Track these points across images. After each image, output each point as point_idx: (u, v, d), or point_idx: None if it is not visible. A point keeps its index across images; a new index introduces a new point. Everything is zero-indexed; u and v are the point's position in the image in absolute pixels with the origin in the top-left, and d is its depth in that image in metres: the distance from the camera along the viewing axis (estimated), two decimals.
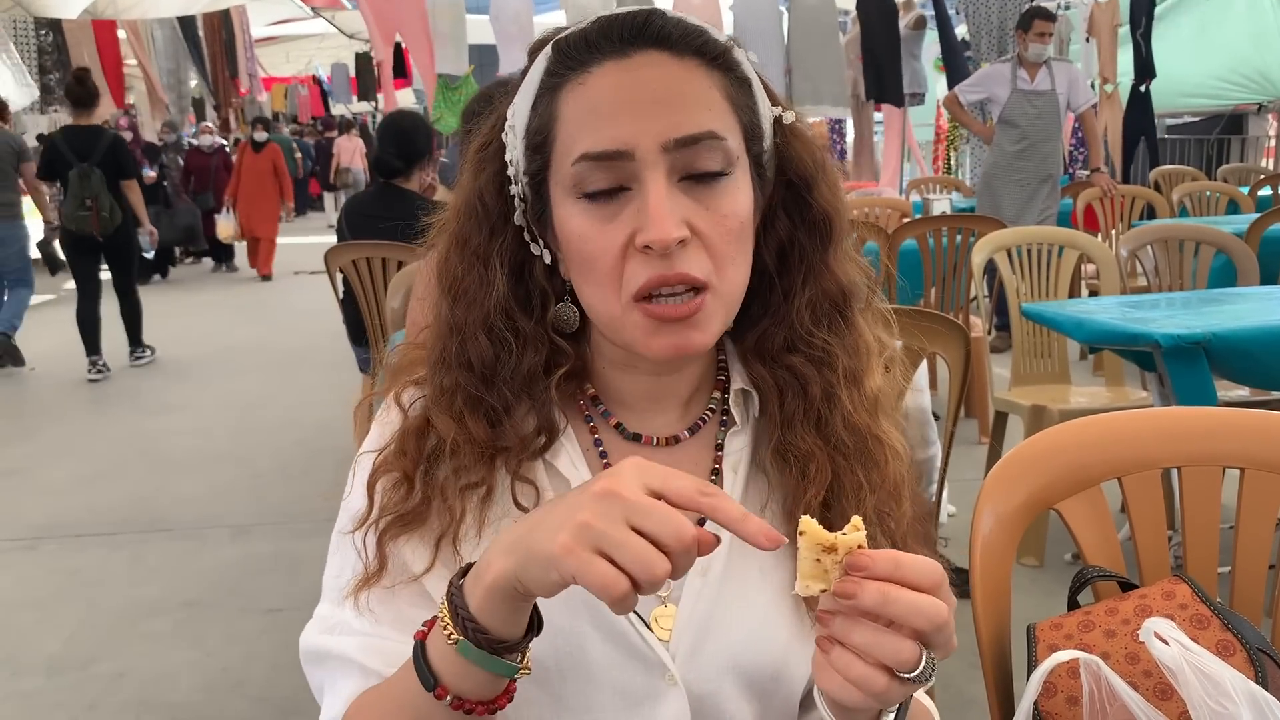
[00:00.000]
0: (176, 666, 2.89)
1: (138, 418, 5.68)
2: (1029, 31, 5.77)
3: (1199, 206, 6.65)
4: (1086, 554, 1.08)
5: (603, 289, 0.82)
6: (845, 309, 0.90)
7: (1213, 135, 12.01)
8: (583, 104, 0.80)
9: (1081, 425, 1.11)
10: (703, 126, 0.79)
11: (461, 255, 0.89)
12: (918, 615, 0.66)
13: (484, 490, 0.86)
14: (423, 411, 0.89)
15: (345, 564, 0.90)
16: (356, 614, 0.88)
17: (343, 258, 3.71)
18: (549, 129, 0.82)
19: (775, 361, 0.90)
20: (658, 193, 0.78)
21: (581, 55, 0.81)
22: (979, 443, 4.40)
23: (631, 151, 0.78)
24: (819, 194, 0.88)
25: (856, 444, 0.89)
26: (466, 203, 0.89)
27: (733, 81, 0.83)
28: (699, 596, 0.86)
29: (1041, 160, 5.92)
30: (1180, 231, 4.16)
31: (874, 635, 0.67)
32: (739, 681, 0.87)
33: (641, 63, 0.80)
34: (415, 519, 0.86)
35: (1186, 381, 2.58)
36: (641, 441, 0.91)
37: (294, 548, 3.70)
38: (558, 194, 0.83)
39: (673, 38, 0.81)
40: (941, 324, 2.15)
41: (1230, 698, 0.77)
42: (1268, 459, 1.08)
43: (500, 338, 0.86)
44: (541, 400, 0.87)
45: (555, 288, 0.89)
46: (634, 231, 0.79)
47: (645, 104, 0.78)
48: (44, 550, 3.81)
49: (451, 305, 0.89)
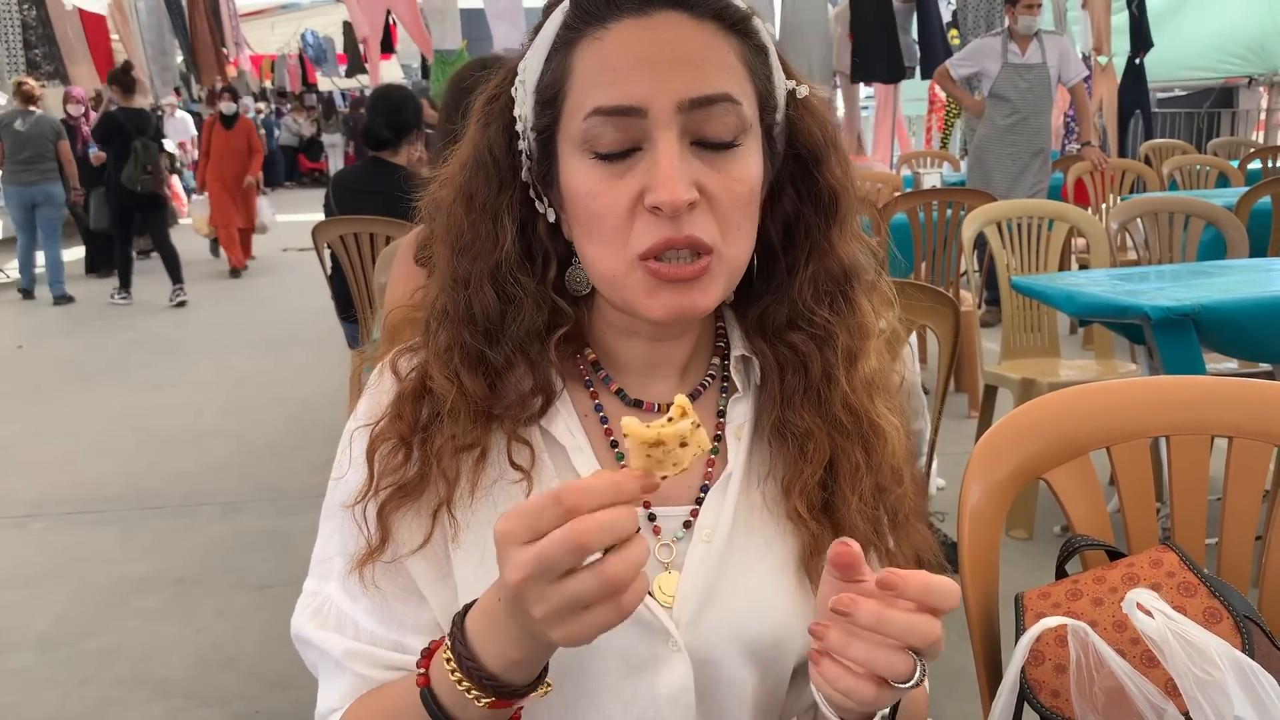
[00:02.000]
0: (167, 642, 2.89)
1: (128, 395, 5.66)
2: (1017, 4, 5.75)
3: (1189, 180, 6.65)
4: (1075, 523, 1.09)
5: (608, 245, 0.81)
6: (848, 288, 0.89)
7: (1203, 109, 12.00)
8: (599, 59, 0.79)
9: (1070, 395, 1.11)
10: (719, 88, 0.78)
11: (468, 209, 0.87)
12: (912, 635, 0.68)
13: (478, 452, 0.86)
14: (419, 374, 0.88)
15: (334, 538, 0.90)
16: (345, 593, 0.88)
17: (330, 233, 3.69)
18: (562, 84, 0.81)
19: (777, 338, 0.89)
20: (669, 153, 0.77)
21: (600, 11, 0.80)
22: (969, 416, 4.42)
23: (646, 109, 0.77)
24: (828, 170, 0.87)
25: (855, 424, 0.89)
26: (475, 156, 0.88)
27: (750, 49, 0.82)
28: (702, 563, 0.86)
29: (1033, 134, 5.91)
30: (1170, 205, 4.16)
31: (869, 650, 0.68)
32: (741, 649, 0.87)
33: (661, 22, 0.79)
34: (414, 489, 0.85)
35: (1175, 354, 2.59)
36: (643, 408, 0.91)
37: (284, 524, 3.70)
38: (566, 150, 0.82)
39: (693, 0, 0.80)
40: (932, 298, 2.15)
41: (1215, 664, 0.77)
42: (1256, 427, 1.08)
43: (506, 293, 0.86)
44: (539, 361, 0.87)
45: (558, 248, 0.88)
46: (642, 189, 0.78)
47: (662, 62, 0.78)
48: (34, 528, 3.81)
49: (455, 258, 0.88)
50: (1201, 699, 0.77)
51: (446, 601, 0.87)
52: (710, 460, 0.91)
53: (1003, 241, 3.77)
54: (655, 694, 0.85)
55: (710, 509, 0.88)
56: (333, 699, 0.87)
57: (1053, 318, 3.72)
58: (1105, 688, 0.86)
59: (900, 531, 0.93)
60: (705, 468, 0.90)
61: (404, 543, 0.86)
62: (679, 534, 0.88)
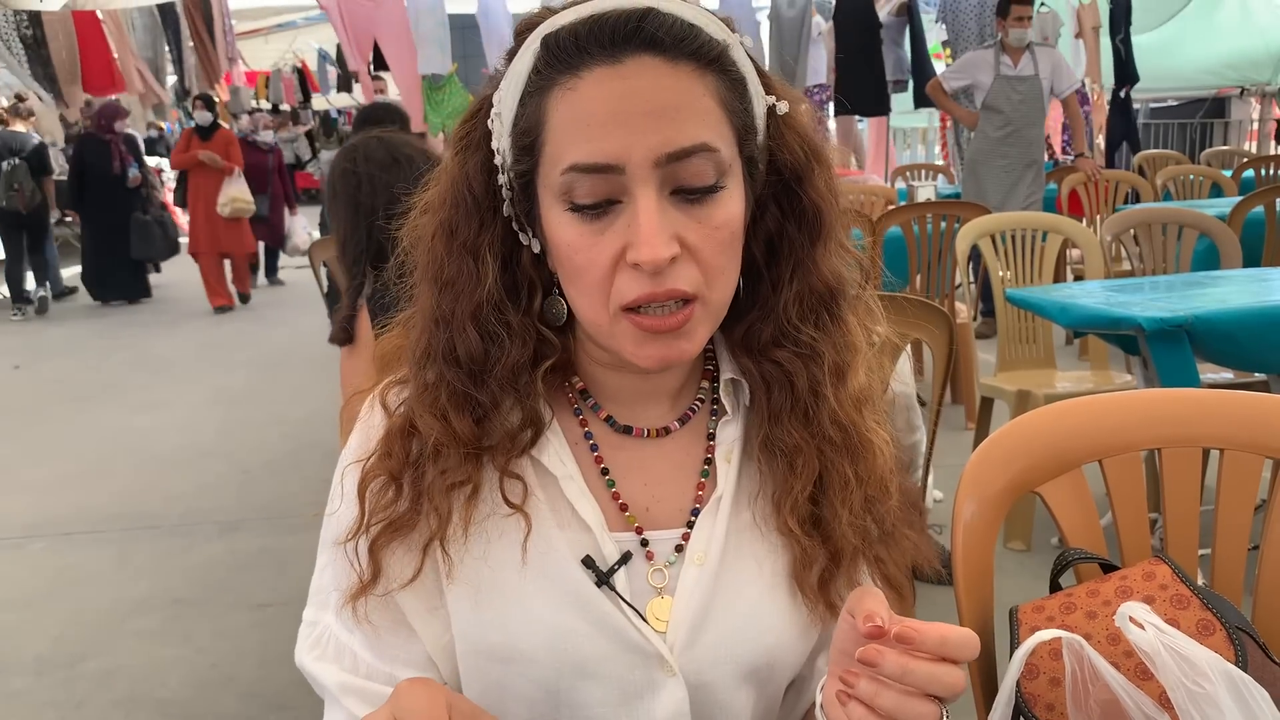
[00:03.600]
0: (165, 663, 2.88)
1: (125, 415, 5.65)
2: (1007, 17, 5.77)
3: (1182, 190, 6.67)
4: (1068, 536, 1.09)
5: (591, 298, 0.81)
6: (833, 305, 0.89)
7: (1196, 119, 12.06)
8: (572, 112, 0.77)
9: (1062, 408, 1.12)
10: (695, 139, 0.77)
11: (449, 245, 0.86)
12: (936, 685, 0.70)
13: (470, 489, 0.85)
14: (407, 411, 0.88)
15: (328, 570, 0.91)
16: (341, 624, 0.88)
17: (327, 251, 3.70)
18: (537, 132, 0.80)
19: (763, 355, 0.89)
20: (648, 210, 0.76)
21: (571, 57, 0.78)
22: (965, 429, 4.42)
23: (622, 165, 0.76)
24: (809, 187, 0.86)
25: (844, 439, 0.89)
26: (454, 191, 0.87)
27: (727, 85, 0.80)
28: (695, 586, 0.86)
29: (1026, 146, 5.92)
30: (1164, 215, 4.17)
31: (897, 700, 0.70)
32: (736, 671, 0.87)
33: (633, 70, 0.77)
34: (405, 524, 0.85)
35: (1170, 364, 2.59)
36: (632, 434, 0.91)
37: (282, 543, 3.70)
38: (546, 198, 0.81)
39: (665, 42, 0.77)
40: (926, 310, 2.16)
41: (1207, 678, 0.77)
42: (1247, 439, 1.08)
43: (490, 332, 0.85)
44: (527, 393, 0.86)
45: (542, 277, 0.87)
46: (624, 246, 0.77)
47: (637, 116, 0.76)
48: (31, 549, 3.80)
49: (438, 295, 0.87)
50: (1193, 712, 0.77)
51: (436, 633, 0.88)
52: (700, 484, 0.91)
53: (997, 254, 3.79)
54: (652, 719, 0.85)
55: (702, 531, 0.88)
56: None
57: (1048, 329, 3.73)
58: (1100, 700, 0.86)
59: (890, 540, 0.93)
60: (696, 491, 0.91)
61: (395, 577, 0.86)
62: (671, 558, 0.88)
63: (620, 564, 0.86)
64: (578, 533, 0.87)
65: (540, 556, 0.86)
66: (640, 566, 0.87)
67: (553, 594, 0.85)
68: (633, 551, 0.87)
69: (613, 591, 0.85)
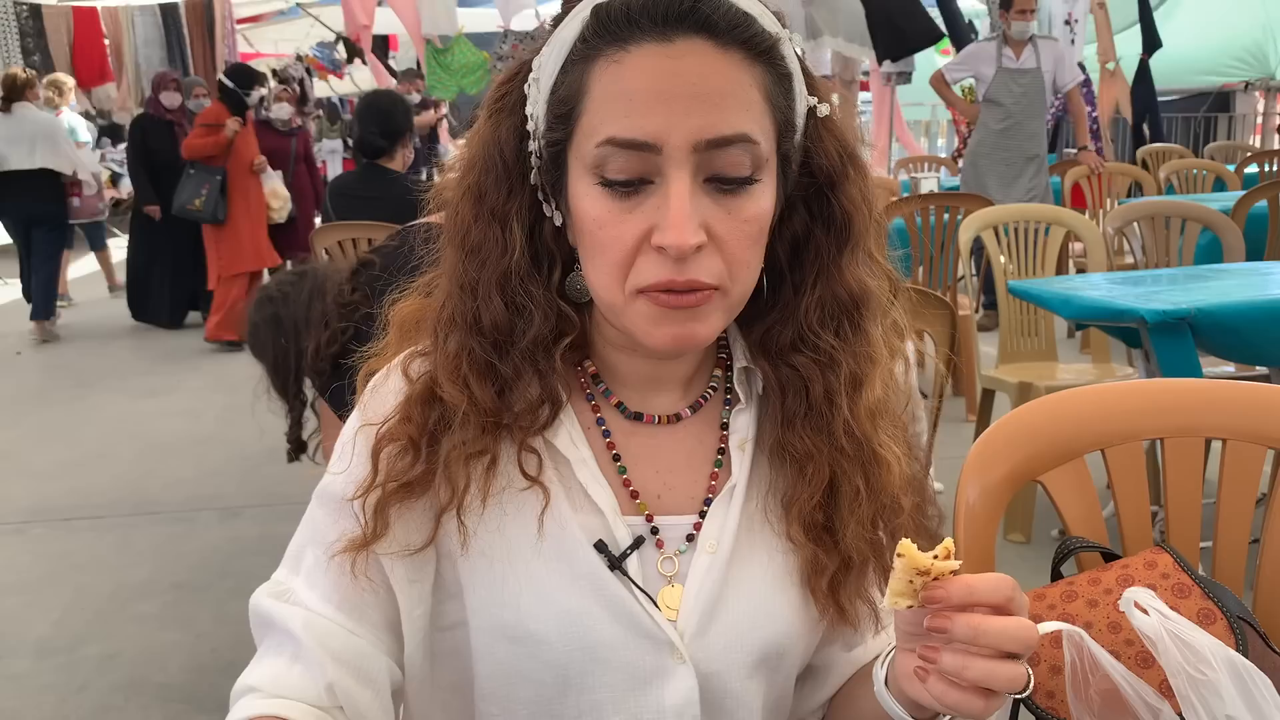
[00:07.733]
0: (166, 648, 2.89)
1: (125, 401, 5.65)
2: (1010, 10, 5.76)
3: (1186, 184, 6.66)
4: (1070, 526, 1.09)
5: (609, 276, 0.80)
6: (855, 314, 0.87)
7: (1200, 113, 12.03)
8: (616, 85, 0.76)
9: (1064, 398, 1.12)
10: (736, 129, 0.76)
11: (476, 210, 0.85)
12: (1010, 641, 0.69)
13: (488, 459, 0.85)
14: (429, 379, 0.87)
15: (306, 527, 0.92)
16: (307, 582, 0.88)
17: (328, 239, 3.70)
18: (576, 101, 0.79)
19: (780, 358, 0.88)
20: (680, 194, 0.75)
21: (621, 30, 0.77)
22: (966, 420, 4.42)
23: (660, 145, 0.75)
24: (842, 193, 0.85)
25: (856, 451, 0.87)
26: (485, 155, 0.85)
27: (774, 78, 0.79)
28: (706, 575, 0.86)
29: (1027, 139, 5.90)
30: (1167, 209, 4.17)
31: (986, 667, 0.70)
32: (746, 659, 0.87)
33: (683, 50, 0.76)
34: (419, 487, 0.85)
35: (1172, 357, 2.59)
36: (643, 420, 0.90)
37: (283, 529, 3.64)
38: (576, 169, 0.80)
39: (719, 27, 0.76)
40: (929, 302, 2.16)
41: (1209, 664, 0.78)
42: (1249, 430, 1.08)
43: (515, 303, 0.84)
44: (546, 370, 0.86)
45: (563, 251, 0.86)
46: (650, 227, 0.77)
47: (681, 98, 0.75)
48: (32, 534, 3.80)
49: (464, 260, 0.86)
50: (1194, 698, 0.78)
51: (410, 604, 0.87)
52: (714, 473, 0.90)
53: (1000, 246, 3.78)
54: (661, 707, 0.85)
55: (714, 520, 0.88)
56: (252, 678, 0.86)
57: (1050, 322, 3.73)
58: (1101, 690, 0.86)
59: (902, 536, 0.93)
60: (709, 480, 0.90)
61: (397, 539, 0.85)
62: (682, 546, 0.88)
63: (633, 548, 0.85)
64: (590, 516, 0.86)
65: (554, 537, 0.85)
66: (650, 554, 0.87)
67: (566, 575, 0.85)
68: (644, 537, 0.87)
69: (625, 576, 0.85)
